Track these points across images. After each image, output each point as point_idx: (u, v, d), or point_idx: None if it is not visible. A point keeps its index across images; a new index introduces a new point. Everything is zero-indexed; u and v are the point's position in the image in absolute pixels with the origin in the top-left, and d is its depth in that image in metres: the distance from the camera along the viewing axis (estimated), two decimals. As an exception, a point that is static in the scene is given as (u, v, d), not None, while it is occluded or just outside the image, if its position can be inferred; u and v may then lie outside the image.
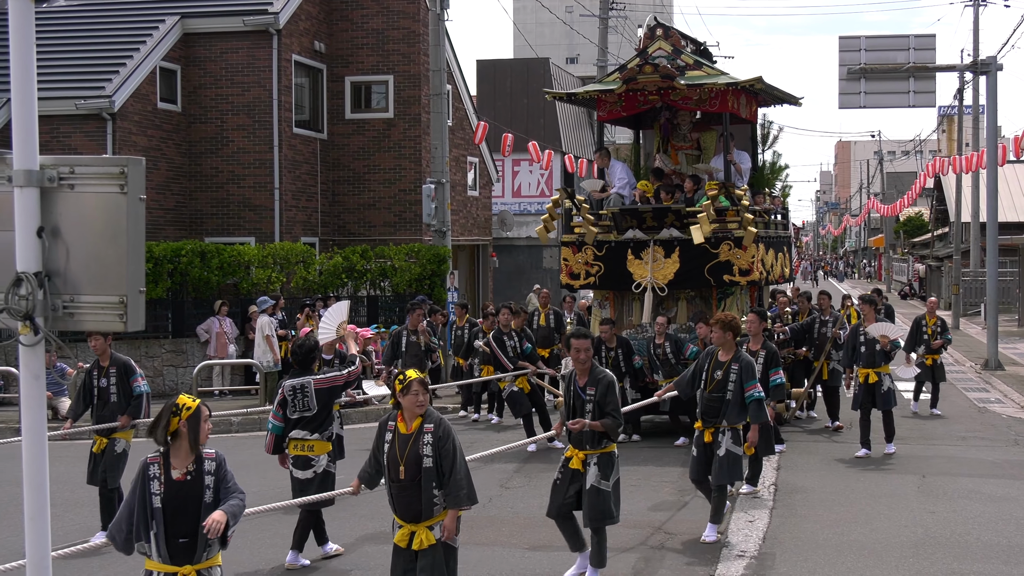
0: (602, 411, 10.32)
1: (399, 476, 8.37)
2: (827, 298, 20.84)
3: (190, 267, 25.86)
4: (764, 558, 11.62)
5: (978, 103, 45.33)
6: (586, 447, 10.44)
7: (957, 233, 49.27)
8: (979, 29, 46.61)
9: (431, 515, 8.37)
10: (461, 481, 8.37)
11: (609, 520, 10.40)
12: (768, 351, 15.21)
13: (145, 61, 28.14)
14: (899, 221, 79.56)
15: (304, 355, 11.66)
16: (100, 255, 5.15)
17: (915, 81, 32.37)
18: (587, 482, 10.36)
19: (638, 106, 19.79)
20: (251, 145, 29.59)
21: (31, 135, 5.16)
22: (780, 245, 20.97)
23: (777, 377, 14.82)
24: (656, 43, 19.14)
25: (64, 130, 26.79)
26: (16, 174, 5.12)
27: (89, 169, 5.19)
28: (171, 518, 7.11)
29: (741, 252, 18.19)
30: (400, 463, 8.36)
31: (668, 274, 18.51)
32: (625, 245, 18.93)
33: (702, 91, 18.85)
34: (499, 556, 11.79)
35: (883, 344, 16.92)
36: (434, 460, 8.32)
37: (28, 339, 5.18)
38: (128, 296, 5.14)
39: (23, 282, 5.11)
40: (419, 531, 8.37)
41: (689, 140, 20.81)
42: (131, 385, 13.14)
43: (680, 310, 19.01)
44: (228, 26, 29.47)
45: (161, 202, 28.52)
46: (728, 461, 12.13)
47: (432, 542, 8.36)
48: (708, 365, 12.40)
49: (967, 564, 11.33)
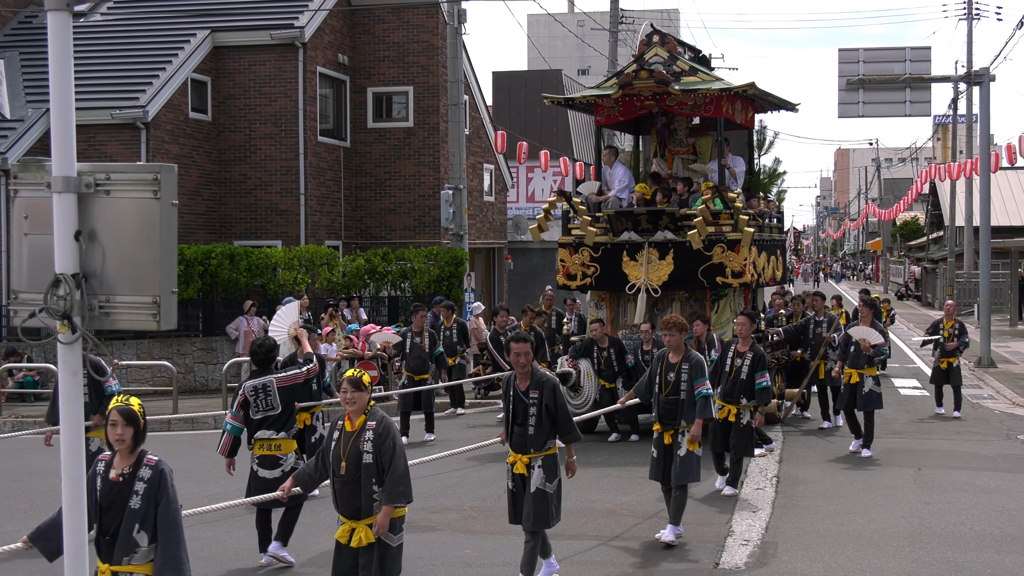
0: (551, 416, 9.79)
1: (341, 472, 8.22)
2: (820, 299, 20.15)
3: (220, 269, 25.92)
4: (767, 547, 11.60)
5: (972, 112, 45.22)
6: (529, 450, 9.88)
7: (951, 236, 49.18)
8: (972, 42, 46.53)
9: (371, 512, 8.18)
10: (398, 479, 8.14)
11: (550, 523, 9.93)
12: (755, 354, 14.36)
13: (177, 73, 28.20)
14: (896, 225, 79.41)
15: (264, 355, 11.29)
16: (134, 257, 5.15)
17: (911, 91, 32.35)
18: (531, 485, 9.83)
19: (635, 111, 19.36)
20: (278, 153, 29.63)
21: (69, 143, 5.17)
22: (773, 248, 20.61)
23: (763, 380, 14.14)
24: (653, 49, 18.92)
25: (100, 139, 26.84)
26: (55, 180, 5.13)
27: (124, 176, 5.20)
28: (103, 515, 6.98)
29: (734, 254, 17.85)
30: (343, 459, 8.19)
31: (663, 276, 18.16)
32: (621, 247, 18.56)
33: (696, 96, 18.50)
34: (513, 544, 11.76)
35: (865, 348, 16.55)
36: (374, 457, 8.14)
37: (66, 337, 5.19)
38: (161, 296, 5.14)
39: (61, 283, 5.12)
40: (359, 528, 8.20)
41: (686, 145, 20.53)
42: (103, 386, 12.64)
43: (674, 311, 18.23)
44: (256, 39, 29.52)
45: (192, 207, 28.57)
46: (687, 461, 11.60)
47: (371, 540, 8.16)
48: (660, 368, 11.94)
49: (961, 553, 11.30)
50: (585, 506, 13.11)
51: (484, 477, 15.55)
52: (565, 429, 9.87)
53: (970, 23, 46.86)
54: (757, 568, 10.85)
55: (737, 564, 10.98)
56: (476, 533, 12.36)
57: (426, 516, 12.05)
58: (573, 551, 11.41)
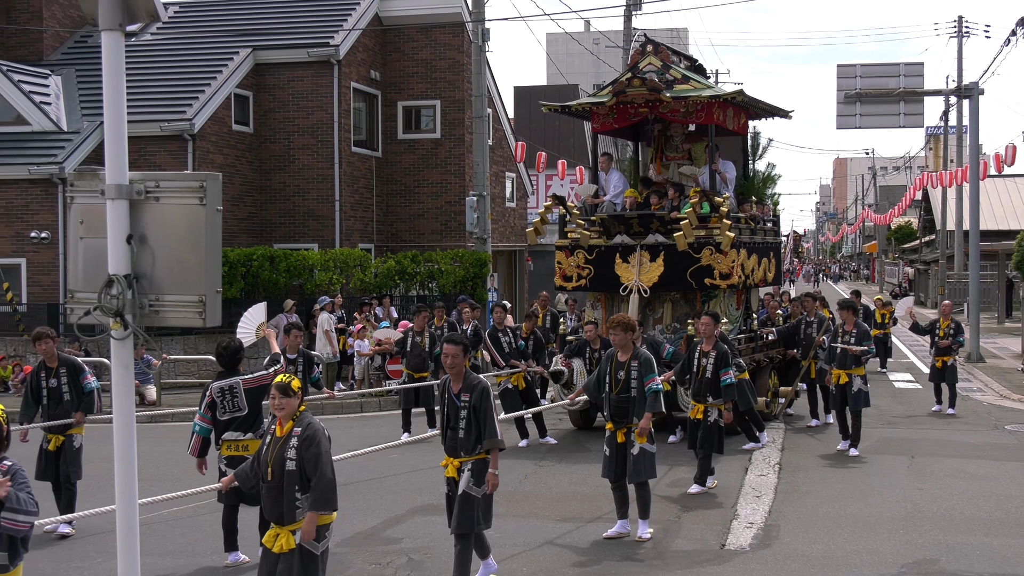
0: (477, 418, 9.22)
1: (267, 477, 7.74)
2: (812, 300, 19.54)
3: (261, 270, 26.03)
4: (770, 529, 11.58)
5: (962, 124, 44.97)
6: (460, 454, 9.34)
7: (943, 240, 48.96)
8: (963, 57, 46.30)
9: (293, 519, 7.68)
10: (325, 486, 7.61)
11: (477, 527, 9.32)
12: (719, 352, 13.60)
13: (221, 88, 28.29)
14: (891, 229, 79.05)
15: (229, 357, 10.71)
16: (182, 259, 5.17)
17: (905, 104, 32.25)
18: (459, 488, 9.28)
19: (629, 118, 18.78)
20: (315, 162, 29.69)
21: (121, 154, 5.19)
22: (766, 250, 19.86)
23: (727, 377, 13.41)
24: (647, 58, 18.31)
25: (150, 149, 26.93)
26: (108, 188, 5.15)
27: (172, 184, 5.22)
28: None
29: (721, 257, 17.32)
30: (269, 464, 7.70)
31: (653, 277, 17.65)
32: (614, 249, 18.08)
33: (688, 103, 17.96)
34: (533, 526, 11.78)
35: (851, 351, 15.87)
36: (297, 464, 7.63)
37: (118, 333, 5.21)
38: (207, 296, 5.16)
39: (114, 283, 5.14)
40: (282, 534, 7.70)
41: (681, 150, 19.92)
42: (81, 383, 12.20)
43: (666, 312, 18.11)
44: (294, 57, 29.59)
45: (235, 212, 28.64)
46: (641, 459, 11.04)
47: (292, 546, 7.65)
48: (610, 368, 11.30)
49: (952, 536, 11.25)
50: (599, 490, 13.08)
51: (504, 465, 15.55)
52: (487, 434, 9.22)
53: (960, 41, 46.68)
54: (761, 549, 10.83)
55: (742, 545, 10.97)
56: (498, 516, 12.30)
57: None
58: (594, 532, 11.40)
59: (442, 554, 10.61)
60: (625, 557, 10.54)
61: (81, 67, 29.73)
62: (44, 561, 10.65)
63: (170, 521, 12.20)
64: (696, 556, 10.62)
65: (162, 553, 10.74)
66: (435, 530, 11.33)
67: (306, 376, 13.71)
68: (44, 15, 30.84)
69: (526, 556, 10.63)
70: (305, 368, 13.75)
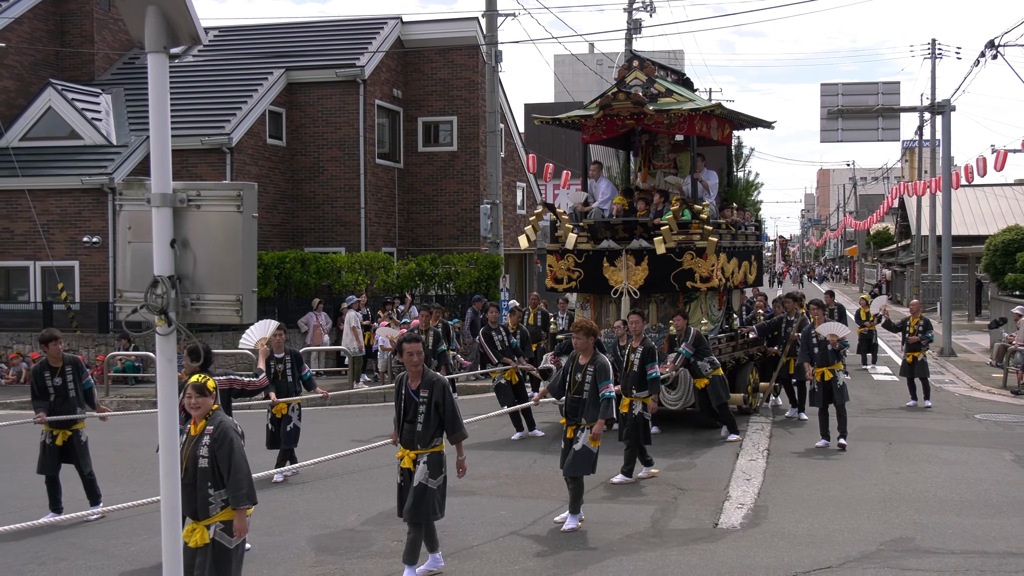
0: (439, 414, 9.00)
1: (182, 474, 7.20)
2: (792, 301, 19.01)
3: (293, 272, 26.10)
4: (759, 509, 11.56)
5: (935, 138, 44.81)
6: (417, 446, 9.06)
7: (917, 244, 48.84)
8: (935, 77, 46.10)
9: (207, 514, 7.36)
10: (240, 481, 7.30)
11: (430, 518, 9.08)
12: (645, 347, 13.22)
13: (257, 105, 28.33)
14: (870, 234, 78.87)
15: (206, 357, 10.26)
16: (221, 262, 5.18)
17: (883, 120, 32.33)
18: (415, 479, 9.02)
19: (616, 129, 18.32)
20: (342, 173, 29.70)
21: (166, 165, 5.19)
22: (747, 254, 19.29)
23: (652, 372, 13.12)
24: (633, 73, 17.89)
25: (192, 161, 26.97)
26: (154, 196, 5.16)
27: (212, 193, 5.22)
28: None
29: (702, 261, 16.88)
30: (184, 462, 7.26)
31: (639, 280, 17.28)
32: (601, 254, 17.59)
33: (671, 116, 17.46)
34: (542, 506, 11.78)
35: (832, 343, 15.45)
36: (210, 461, 7.33)
37: (163, 330, 5.22)
38: (243, 295, 5.17)
39: (159, 284, 5.15)
40: (198, 528, 7.39)
41: (667, 160, 19.51)
42: (82, 381, 11.90)
43: (651, 312, 17.56)
44: (324, 77, 29.63)
45: (269, 219, 28.68)
46: (581, 455, 10.76)
47: (206, 541, 7.37)
48: (571, 368, 11.11)
49: (926, 516, 11.22)
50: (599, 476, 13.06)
51: (513, 453, 15.58)
52: (452, 428, 9.04)
53: (933, 61, 46.49)
54: (751, 528, 10.81)
55: (733, 524, 10.95)
56: (511, 497, 12.36)
57: (467, 482, 12.04)
58: (597, 511, 11.39)
59: (458, 531, 10.62)
60: (625, 535, 10.53)
61: (129, 86, 29.79)
62: (94, 538, 10.68)
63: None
64: (691, 534, 10.60)
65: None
66: (452, 510, 11.34)
67: (295, 375, 13.56)
68: (96, 39, 30.91)
69: (534, 531, 10.62)
70: (294, 367, 13.58)
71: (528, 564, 9.54)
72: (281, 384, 13.54)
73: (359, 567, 9.49)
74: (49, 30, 30.42)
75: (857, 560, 9.59)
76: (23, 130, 27.55)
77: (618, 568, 9.38)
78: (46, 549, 10.32)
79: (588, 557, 9.75)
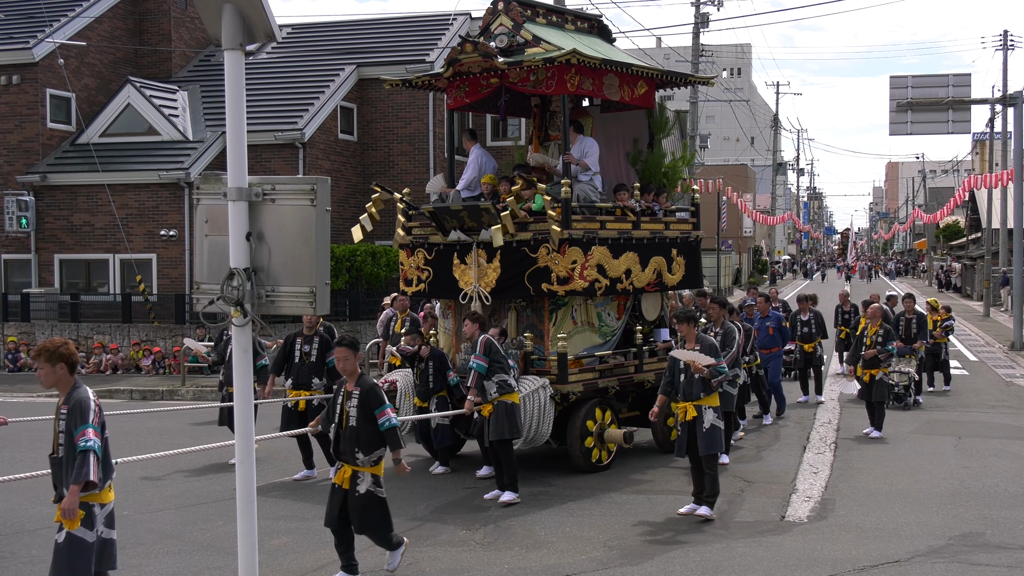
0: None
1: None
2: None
3: (363, 264, 26.33)
4: (826, 503, 11.43)
5: (1007, 130, 43.98)
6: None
7: (988, 238, 47.96)
8: (1007, 68, 45.24)
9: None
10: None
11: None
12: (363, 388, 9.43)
13: (328, 101, 28.55)
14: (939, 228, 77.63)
15: None
16: (295, 255, 5.23)
17: (954, 112, 31.71)
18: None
19: (480, 90, 14.14)
20: (412, 167, 29.84)
21: (241, 160, 5.26)
22: (663, 248, 14.19)
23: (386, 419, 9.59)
24: (498, 19, 13.94)
25: (265, 156, 27.26)
26: (230, 191, 5.23)
27: (286, 187, 5.28)
28: None
29: (559, 257, 12.62)
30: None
31: (491, 281, 13.11)
32: (452, 248, 13.54)
33: (539, 72, 13.34)
34: (611, 499, 11.75)
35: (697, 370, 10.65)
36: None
37: (239, 321, 5.29)
38: (316, 287, 5.22)
39: (235, 276, 5.22)
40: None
41: None
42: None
43: (511, 323, 13.42)
44: (394, 73, 29.74)
45: (341, 213, 28.88)
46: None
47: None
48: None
49: (996, 511, 11.02)
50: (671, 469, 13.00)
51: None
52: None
53: (1005, 52, 45.59)
54: (818, 520, 10.69)
55: (800, 517, 10.84)
56: (579, 488, 12.35)
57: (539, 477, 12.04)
58: (667, 506, 11.35)
59: (525, 521, 10.63)
60: (692, 529, 10.47)
61: (205, 83, 30.18)
62: (170, 524, 10.85)
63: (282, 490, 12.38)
64: (758, 527, 10.51)
65: (274, 517, 10.88)
66: (521, 507, 11.35)
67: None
68: (173, 37, 31.37)
69: (602, 522, 10.60)
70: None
71: (595, 554, 9.53)
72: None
73: (427, 555, 9.54)
74: (128, 29, 30.94)
75: (925, 555, 9.45)
76: (103, 126, 28.06)
77: (684, 559, 9.33)
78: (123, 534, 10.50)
79: (655, 549, 9.71)
